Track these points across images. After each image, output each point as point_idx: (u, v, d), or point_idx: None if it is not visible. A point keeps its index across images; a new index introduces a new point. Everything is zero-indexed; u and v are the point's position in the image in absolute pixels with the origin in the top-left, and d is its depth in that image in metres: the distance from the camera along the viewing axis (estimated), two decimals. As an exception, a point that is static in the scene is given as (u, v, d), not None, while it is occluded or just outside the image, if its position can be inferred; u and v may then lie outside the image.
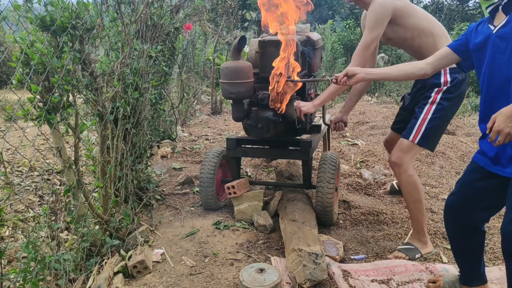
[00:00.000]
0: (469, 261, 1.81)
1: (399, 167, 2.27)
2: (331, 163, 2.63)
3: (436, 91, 2.23)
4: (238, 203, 2.76)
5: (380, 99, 7.97)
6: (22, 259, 2.07)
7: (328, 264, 2.12)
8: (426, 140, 2.23)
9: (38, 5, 1.80)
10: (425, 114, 2.23)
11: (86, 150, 2.38)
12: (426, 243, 2.34)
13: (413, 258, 2.27)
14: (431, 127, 2.22)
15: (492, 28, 1.57)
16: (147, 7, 2.74)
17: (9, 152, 4.00)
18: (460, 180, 1.76)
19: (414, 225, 2.36)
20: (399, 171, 2.28)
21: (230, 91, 2.49)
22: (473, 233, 1.74)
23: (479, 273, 1.82)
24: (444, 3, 11.75)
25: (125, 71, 2.33)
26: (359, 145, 4.43)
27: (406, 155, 2.26)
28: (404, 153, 2.26)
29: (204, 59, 7.40)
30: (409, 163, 2.26)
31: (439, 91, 2.23)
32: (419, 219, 2.31)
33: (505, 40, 1.49)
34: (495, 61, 1.53)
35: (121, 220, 2.42)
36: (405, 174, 2.26)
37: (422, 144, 2.25)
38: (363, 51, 2.25)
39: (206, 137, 4.99)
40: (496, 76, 1.54)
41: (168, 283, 2.05)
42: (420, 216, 2.31)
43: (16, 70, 1.69)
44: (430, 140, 2.25)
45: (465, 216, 1.71)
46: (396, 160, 2.28)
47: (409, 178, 2.26)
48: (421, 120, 2.23)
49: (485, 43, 1.59)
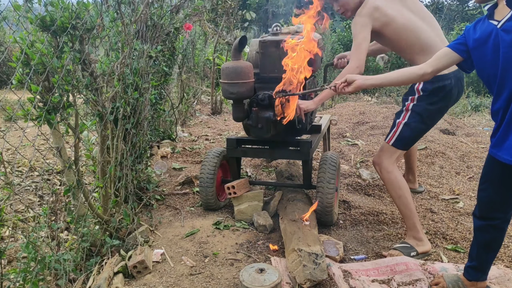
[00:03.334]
0: (492, 256, 1.82)
1: (378, 165, 2.42)
2: (331, 163, 2.63)
3: (410, 99, 2.38)
4: (238, 203, 2.76)
5: (380, 99, 7.98)
6: (22, 259, 2.08)
7: (328, 265, 2.12)
8: (399, 143, 2.38)
9: (38, 5, 1.80)
10: (401, 119, 2.39)
11: (86, 150, 2.38)
12: (422, 240, 2.34)
13: (408, 255, 2.28)
14: (404, 131, 2.36)
15: (495, 23, 1.56)
16: (147, 7, 2.74)
17: (9, 152, 4.01)
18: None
19: (406, 222, 2.39)
20: (380, 170, 2.42)
21: (231, 91, 2.49)
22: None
23: (489, 268, 1.85)
24: (444, 3, 11.75)
25: (125, 71, 2.33)
26: (359, 145, 4.43)
27: (384, 155, 2.41)
28: (382, 153, 2.43)
29: (204, 59, 7.40)
30: (388, 162, 2.39)
31: (412, 99, 2.37)
32: (408, 215, 2.35)
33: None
34: (506, 55, 1.52)
35: (121, 220, 2.42)
36: (384, 171, 2.39)
37: (396, 146, 2.39)
38: (356, 51, 2.33)
39: (206, 137, 4.99)
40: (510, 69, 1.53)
41: (168, 283, 2.05)
42: (407, 212, 2.35)
43: (16, 70, 1.69)
44: (403, 142, 2.38)
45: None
46: (376, 160, 2.45)
47: (388, 174, 2.38)
48: (397, 124, 2.40)
49: (486, 39, 1.58)
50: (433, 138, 4.41)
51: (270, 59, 2.59)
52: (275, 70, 2.61)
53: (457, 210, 2.88)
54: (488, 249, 1.80)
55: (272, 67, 2.62)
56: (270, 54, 2.60)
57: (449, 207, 2.94)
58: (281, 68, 2.57)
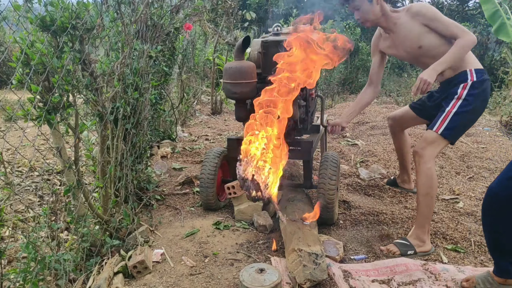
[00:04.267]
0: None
1: (420, 157, 2.33)
2: (332, 161, 2.64)
3: (462, 86, 2.34)
4: (238, 203, 2.76)
5: (380, 99, 7.98)
6: (22, 259, 2.08)
7: (329, 265, 2.12)
8: (449, 132, 2.32)
9: (38, 5, 1.80)
10: (451, 107, 2.34)
11: (86, 150, 2.38)
12: (424, 242, 2.35)
13: (405, 254, 2.29)
14: (455, 120, 2.32)
15: None
16: (147, 7, 2.74)
17: (9, 152, 4.00)
18: None
19: (418, 219, 2.37)
20: (419, 161, 2.34)
21: (233, 91, 2.49)
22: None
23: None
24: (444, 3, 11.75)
25: (125, 71, 2.33)
26: (359, 145, 4.43)
27: (429, 147, 2.33)
28: (427, 144, 2.33)
29: (204, 59, 7.40)
30: (431, 156, 2.33)
31: (465, 86, 2.34)
32: (424, 215, 2.33)
33: None
34: None
35: (121, 220, 2.42)
36: (424, 165, 2.32)
37: (445, 135, 2.32)
38: (458, 26, 2.32)
39: (206, 137, 4.99)
40: None
41: (168, 283, 2.05)
42: (425, 212, 2.33)
43: (16, 70, 1.68)
44: (453, 132, 2.34)
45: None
46: (419, 150, 2.35)
47: (427, 170, 2.31)
48: (446, 112, 2.34)
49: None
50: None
51: (272, 59, 2.58)
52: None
53: (457, 210, 2.88)
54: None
55: (274, 67, 2.62)
56: (272, 54, 2.59)
57: (449, 207, 2.94)
58: None
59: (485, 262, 2.26)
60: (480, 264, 2.24)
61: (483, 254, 2.34)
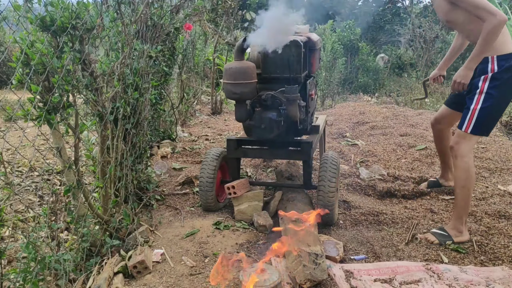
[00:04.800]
0: None
1: (456, 151, 2.39)
2: (332, 162, 2.64)
3: (483, 79, 2.33)
4: (238, 203, 2.76)
5: (380, 99, 7.98)
6: (22, 259, 2.07)
7: (329, 266, 2.12)
8: (478, 129, 2.35)
9: (38, 5, 1.80)
10: (475, 104, 2.35)
11: (86, 150, 2.38)
12: (462, 232, 2.42)
13: (443, 243, 2.37)
14: (482, 116, 2.32)
15: None
16: (147, 7, 2.74)
17: (9, 152, 4.00)
18: None
19: (456, 211, 2.43)
20: (455, 155, 2.39)
21: (234, 92, 2.49)
22: None
23: None
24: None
25: (125, 71, 2.33)
26: (359, 145, 4.43)
27: (462, 141, 2.38)
28: (460, 139, 2.39)
29: (204, 59, 7.40)
30: (466, 149, 2.37)
31: (485, 79, 2.32)
32: (461, 207, 2.40)
33: None
34: None
35: (121, 220, 2.42)
36: (461, 159, 2.36)
37: (475, 132, 2.36)
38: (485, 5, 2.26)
39: (206, 137, 4.99)
40: None
41: (168, 283, 2.05)
42: (463, 204, 2.39)
43: (16, 70, 1.69)
44: (483, 127, 2.36)
45: None
46: (454, 145, 2.40)
47: (463, 163, 2.36)
48: (472, 110, 2.35)
49: None
50: (433, 138, 4.40)
51: (272, 59, 2.59)
52: (277, 70, 2.60)
53: (457, 210, 2.88)
54: None
55: (274, 67, 2.62)
56: (272, 54, 2.59)
57: (449, 207, 2.94)
58: (282, 68, 2.57)
59: (485, 262, 2.26)
60: (480, 264, 2.24)
61: (483, 254, 2.34)
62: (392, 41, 12.09)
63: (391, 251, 2.39)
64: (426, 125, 4.88)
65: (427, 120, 5.09)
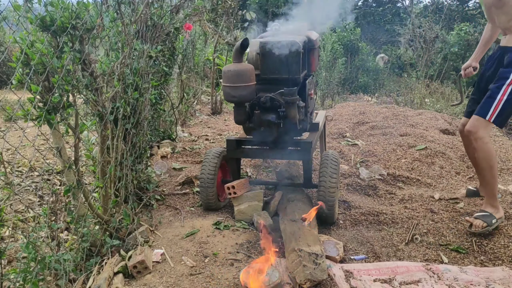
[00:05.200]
0: None
1: (474, 135, 2.41)
2: (333, 159, 2.64)
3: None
4: (238, 203, 2.76)
5: (380, 99, 7.98)
6: (22, 259, 2.07)
7: (329, 267, 2.12)
8: (500, 119, 2.38)
9: (38, 5, 1.80)
10: (502, 94, 2.35)
11: (86, 150, 2.38)
12: (498, 208, 2.48)
13: (491, 224, 2.41)
14: (506, 107, 2.34)
15: None
16: (147, 7, 2.74)
17: (9, 152, 4.00)
18: None
19: (487, 190, 2.50)
20: (475, 138, 2.42)
21: (233, 95, 2.49)
22: None
23: None
24: (444, 3, 11.74)
25: (125, 71, 2.33)
26: (359, 145, 4.43)
27: (480, 125, 2.41)
28: (479, 123, 2.41)
29: (204, 59, 7.39)
30: (484, 132, 2.40)
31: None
32: (493, 184, 2.47)
33: None
34: None
35: (121, 220, 2.42)
36: (481, 141, 2.39)
37: (497, 122, 2.39)
38: None
39: (206, 137, 4.99)
40: None
41: (168, 283, 2.05)
42: (493, 181, 2.48)
43: (16, 70, 1.69)
44: (504, 118, 2.40)
45: None
46: (472, 129, 2.43)
47: (485, 145, 2.40)
48: (498, 100, 2.35)
49: None
50: (433, 138, 4.40)
51: (271, 60, 2.58)
52: (276, 71, 2.60)
53: (457, 210, 2.88)
54: None
55: (272, 68, 2.61)
56: (271, 55, 2.60)
57: (449, 207, 2.94)
58: (281, 69, 2.57)
59: (485, 262, 2.26)
60: (480, 264, 2.24)
61: (483, 254, 2.34)
62: (392, 41, 12.08)
63: (391, 251, 2.39)
64: (426, 125, 4.88)
65: (427, 120, 5.09)
